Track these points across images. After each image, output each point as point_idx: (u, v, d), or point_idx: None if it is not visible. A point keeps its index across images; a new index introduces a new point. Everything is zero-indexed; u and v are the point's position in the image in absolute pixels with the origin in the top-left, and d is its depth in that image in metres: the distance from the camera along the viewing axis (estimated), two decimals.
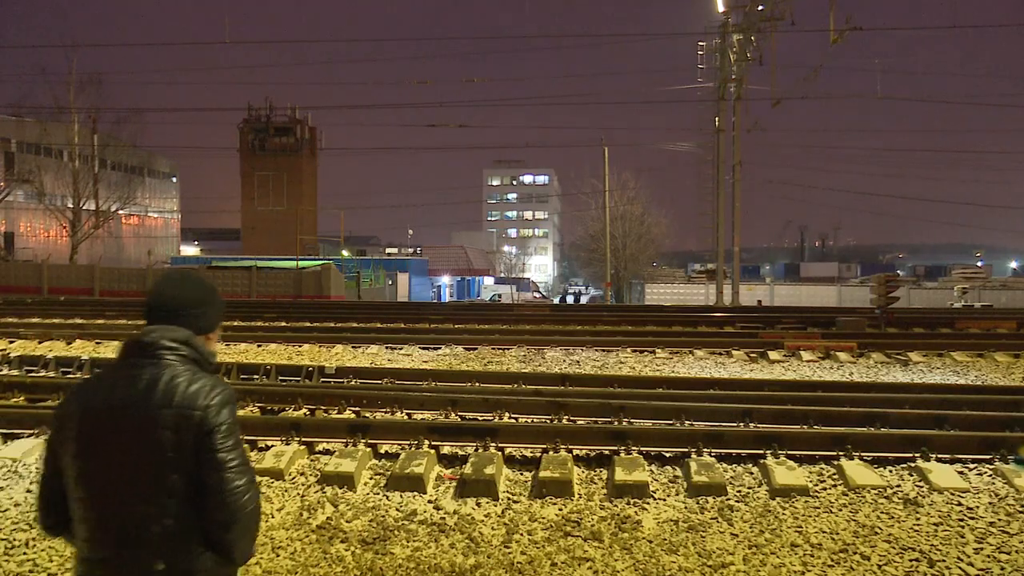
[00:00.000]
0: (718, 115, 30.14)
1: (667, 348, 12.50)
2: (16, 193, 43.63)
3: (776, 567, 4.29)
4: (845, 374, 10.59)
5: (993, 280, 47.05)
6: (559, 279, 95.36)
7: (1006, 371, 11.03)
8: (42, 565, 4.31)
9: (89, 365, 9.90)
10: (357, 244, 72.22)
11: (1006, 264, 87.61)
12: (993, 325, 15.69)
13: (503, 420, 6.94)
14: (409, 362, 11.38)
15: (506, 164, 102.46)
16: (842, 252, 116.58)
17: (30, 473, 5.77)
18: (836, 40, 22.55)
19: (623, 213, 49.80)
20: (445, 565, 4.36)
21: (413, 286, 47.03)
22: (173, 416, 1.96)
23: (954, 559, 4.35)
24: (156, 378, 2.01)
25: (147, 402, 1.97)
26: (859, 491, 5.34)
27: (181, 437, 1.95)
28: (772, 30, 25.96)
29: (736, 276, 28.82)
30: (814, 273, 67.58)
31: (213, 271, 33.98)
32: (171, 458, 1.95)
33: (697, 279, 46.29)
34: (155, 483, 1.95)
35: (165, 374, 2.02)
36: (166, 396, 1.98)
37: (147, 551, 1.95)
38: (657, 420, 6.95)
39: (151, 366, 2.03)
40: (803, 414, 6.83)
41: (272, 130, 60.64)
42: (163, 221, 61.63)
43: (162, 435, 1.95)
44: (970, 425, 6.61)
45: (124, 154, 47.64)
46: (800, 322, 15.92)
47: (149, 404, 1.97)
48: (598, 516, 5.01)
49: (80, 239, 40.04)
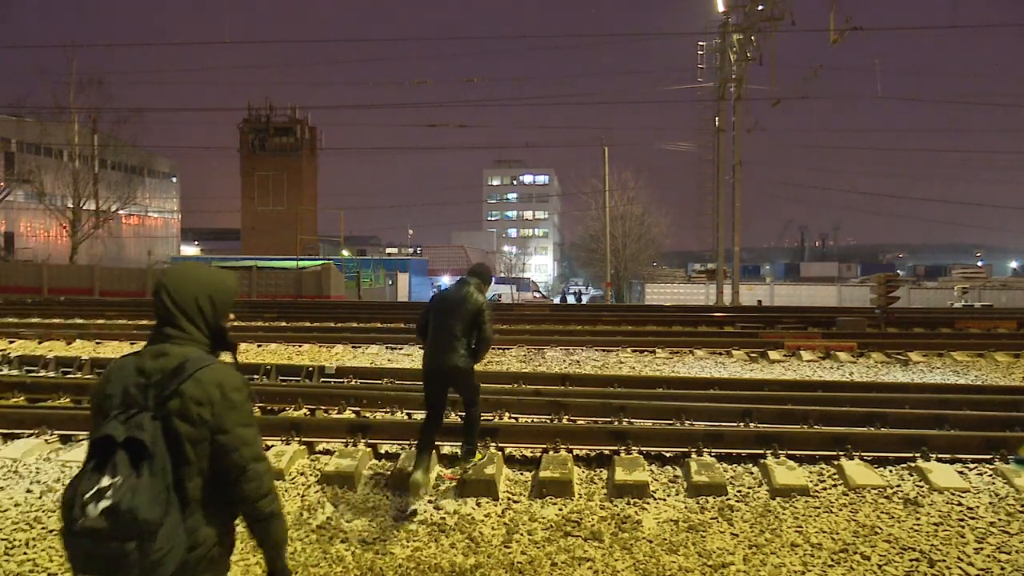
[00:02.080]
0: (718, 115, 30.18)
1: (667, 348, 12.49)
2: (16, 193, 43.61)
3: (776, 567, 4.29)
4: (845, 374, 10.58)
5: (993, 280, 47.04)
6: (559, 279, 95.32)
7: (1006, 371, 11.02)
8: (42, 565, 4.31)
9: (89, 365, 9.89)
10: (357, 244, 72.21)
11: (1006, 264, 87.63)
12: (993, 325, 15.68)
13: (503, 420, 6.94)
14: (409, 362, 11.38)
15: (506, 164, 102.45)
16: (842, 252, 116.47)
17: (30, 473, 5.77)
18: (836, 40, 22.55)
19: (623, 213, 49.77)
20: (445, 565, 4.36)
21: (413, 286, 47.02)
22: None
23: (954, 559, 4.35)
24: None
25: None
26: (859, 491, 5.34)
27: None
28: (772, 30, 25.96)
29: (736, 276, 28.82)
30: (814, 273, 67.53)
31: None
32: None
33: (697, 279, 46.27)
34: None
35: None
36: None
37: None
38: (657, 420, 6.95)
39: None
40: (803, 414, 6.83)
41: (272, 130, 60.61)
42: (163, 221, 61.62)
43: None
44: (970, 425, 6.61)
45: (124, 154, 47.67)
46: (800, 322, 15.92)
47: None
48: (598, 516, 5.01)
49: (80, 239, 40.03)
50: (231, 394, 2.03)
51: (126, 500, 1.79)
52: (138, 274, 33.74)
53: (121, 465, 1.83)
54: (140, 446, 1.86)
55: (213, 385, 2.01)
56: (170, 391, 1.96)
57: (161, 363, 2.02)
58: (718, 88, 29.30)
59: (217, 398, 2.01)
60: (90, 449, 1.89)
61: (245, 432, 2.05)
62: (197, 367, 2.01)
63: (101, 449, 1.86)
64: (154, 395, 1.96)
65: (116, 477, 1.81)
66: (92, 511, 1.78)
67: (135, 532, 1.81)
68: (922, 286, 43.21)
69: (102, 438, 1.87)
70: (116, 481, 1.81)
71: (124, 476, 1.82)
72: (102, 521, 1.78)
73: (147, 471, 1.85)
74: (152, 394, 1.97)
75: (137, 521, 1.80)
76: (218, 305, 2.17)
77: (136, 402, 1.96)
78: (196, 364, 2.01)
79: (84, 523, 1.79)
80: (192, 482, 1.99)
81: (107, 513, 1.78)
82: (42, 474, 5.74)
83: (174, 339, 2.08)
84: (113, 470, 1.82)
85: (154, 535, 1.84)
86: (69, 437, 6.54)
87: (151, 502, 1.83)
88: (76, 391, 8.12)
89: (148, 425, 1.90)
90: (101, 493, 1.79)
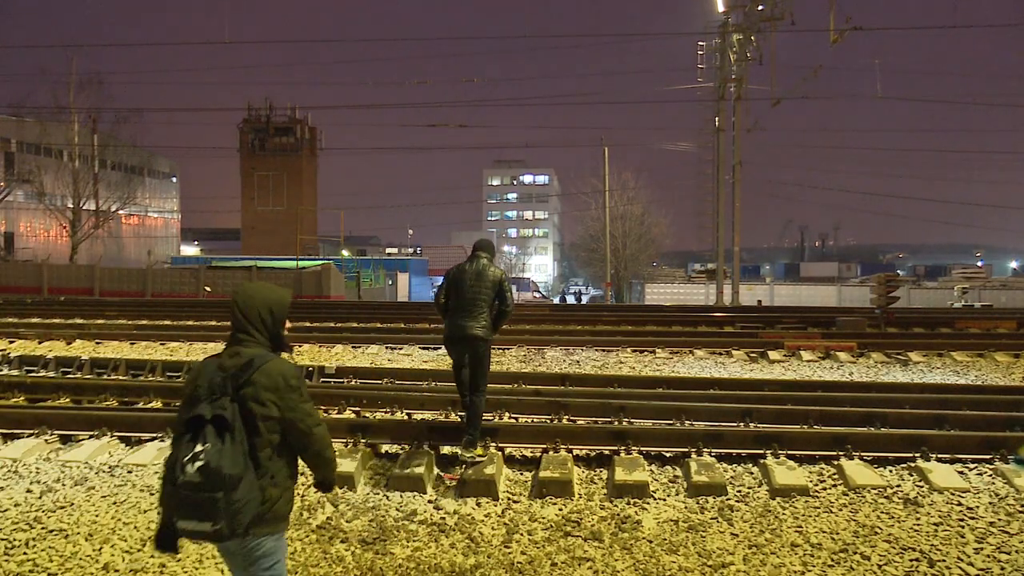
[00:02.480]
0: (718, 115, 30.16)
1: (667, 348, 12.49)
2: (16, 193, 43.61)
3: (776, 567, 4.29)
4: (845, 374, 10.58)
5: (993, 280, 47.05)
6: (559, 279, 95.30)
7: (1006, 371, 11.03)
8: (42, 565, 4.31)
9: (89, 365, 9.90)
10: (357, 244, 72.23)
11: (1006, 264, 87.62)
12: (993, 325, 15.68)
13: (503, 420, 6.94)
14: (409, 362, 11.38)
15: (506, 164, 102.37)
16: (842, 252, 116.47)
17: (30, 473, 5.77)
18: (836, 40, 22.54)
19: (623, 213, 49.74)
20: (445, 565, 4.36)
21: (413, 286, 47.02)
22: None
23: (954, 559, 4.35)
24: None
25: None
26: (859, 491, 5.34)
27: None
28: (772, 30, 25.97)
29: (736, 276, 28.81)
30: (814, 273, 67.53)
31: (213, 271, 33.96)
32: None
33: (697, 279, 46.25)
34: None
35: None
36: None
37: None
38: (657, 420, 6.95)
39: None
40: (803, 414, 6.83)
41: (272, 130, 60.61)
42: (163, 221, 61.61)
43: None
44: (970, 425, 6.61)
45: (124, 154, 47.63)
46: (800, 322, 15.92)
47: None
48: (598, 516, 5.01)
49: (80, 239, 40.03)
50: (291, 381, 2.68)
51: (214, 461, 2.43)
52: (138, 274, 33.67)
53: (210, 436, 2.47)
54: (223, 421, 2.50)
55: (277, 375, 2.65)
56: (244, 380, 2.60)
57: (235, 361, 2.66)
58: (718, 88, 29.29)
59: (281, 384, 2.65)
60: (184, 426, 2.53)
61: (305, 407, 2.72)
62: (263, 362, 2.65)
63: (194, 425, 2.50)
64: (232, 384, 2.59)
65: (207, 444, 2.45)
66: (190, 469, 2.42)
67: (222, 485, 2.43)
68: (922, 286, 43.21)
69: (194, 417, 2.51)
70: (207, 447, 2.45)
71: (212, 443, 2.46)
72: (198, 476, 2.42)
73: (229, 440, 2.49)
74: (230, 383, 2.59)
75: (223, 476, 2.43)
76: (276, 316, 2.80)
77: (219, 390, 2.57)
78: (262, 360, 2.66)
79: (184, 479, 2.43)
80: (263, 451, 2.62)
81: (201, 470, 2.41)
82: (42, 474, 5.74)
83: (245, 342, 2.73)
84: (204, 440, 2.46)
85: (236, 488, 2.46)
86: (69, 437, 6.54)
87: (233, 463, 2.47)
88: (76, 391, 8.12)
89: (228, 406, 2.54)
90: (196, 456, 2.43)
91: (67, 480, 5.62)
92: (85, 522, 4.87)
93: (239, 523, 2.50)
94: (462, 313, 5.80)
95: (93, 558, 4.38)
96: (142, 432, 6.53)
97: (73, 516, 4.97)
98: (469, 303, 5.79)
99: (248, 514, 2.53)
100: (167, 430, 6.43)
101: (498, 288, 5.84)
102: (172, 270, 36.45)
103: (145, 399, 7.90)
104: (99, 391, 8.03)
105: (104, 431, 6.51)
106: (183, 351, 12.39)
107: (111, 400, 7.93)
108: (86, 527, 4.79)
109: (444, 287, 6.03)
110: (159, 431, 6.47)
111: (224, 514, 2.45)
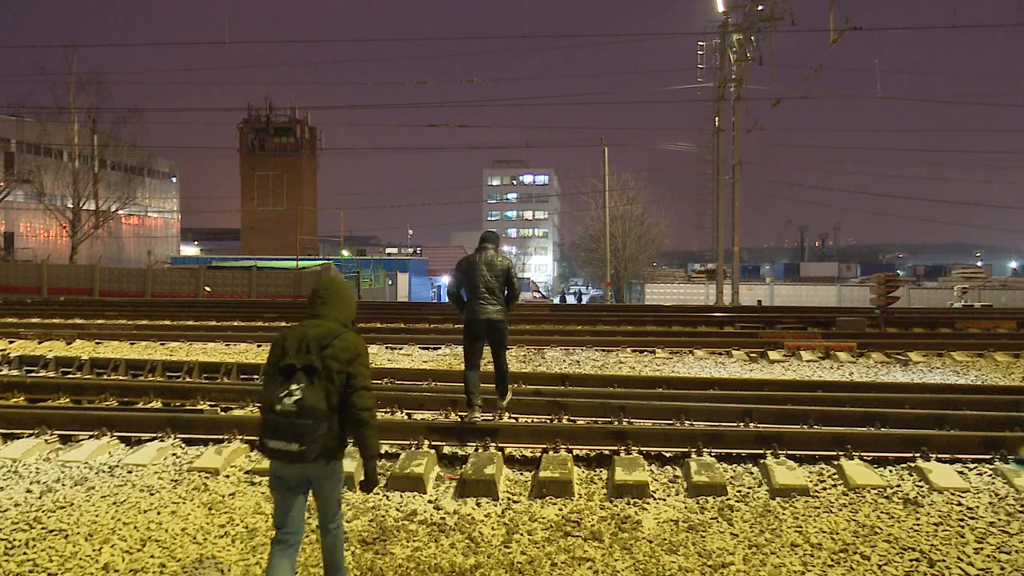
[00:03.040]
0: (718, 115, 30.15)
1: (667, 348, 12.49)
2: (16, 193, 43.60)
3: (776, 567, 4.29)
4: (845, 374, 10.58)
5: (993, 280, 47.05)
6: (559, 279, 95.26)
7: (1006, 371, 11.03)
8: (42, 565, 4.31)
9: (89, 365, 9.89)
10: (357, 244, 72.20)
11: (1006, 264, 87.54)
12: (993, 325, 15.69)
13: (503, 420, 6.94)
14: (409, 362, 11.38)
15: (506, 164, 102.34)
16: (842, 252, 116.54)
17: (30, 473, 5.77)
18: (836, 40, 22.55)
19: (623, 213, 49.70)
20: (445, 565, 4.36)
21: (413, 286, 47.01)
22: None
23: (954, 559, 4.35)
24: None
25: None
26: (859, 491, 5.34)
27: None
28: (772, 30, 25.98)
29: (736, 276, 28.81)
30: (814, 273, 67.55)
31: (213, 271, 33.95)
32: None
33: (697, 279, 46.24)
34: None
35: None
36: None
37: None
38: (657, 420, 6.95)
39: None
40: (803, 414, 6.83)
41: (272, 130, 60.58)
42: (163, 221, 61.60)
43: None
44: (970, 425, 6.61)
45: (124, 154, 47.62)
46: (800, 322, 15.92)
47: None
48: (598, 516, 5.01)
49: (80, 239, 40.02)
50: (360, 348, 3.50)
51: (306, 396, 3.27)
52: (138, 274, 33.66)
53: (301, 378, 3.30)
54: (312, 368, 3.32)
55: (352, 343, 3.47)
56: (327, 343, 3.40)
57: (319, 330, 3.46)
58: (718, 88, 29.29)
59: (353, 349, 3.45)
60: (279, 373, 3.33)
61: (364, 370, 3.48)
62: (342, 333, 3.47)
63: (287, 371, 3.31)
64: (317, 344, 3.39)
65: (300, 384, 3.28)
66: (288, 401, 3.26)
67: (311, 415, 3.26)
68: (922, 286, 43.22)
69: (288, 365, 3.32)
70: (300, 386, 3.28)
71: (303, 384, 3.29)
72: (293, 407, 3.25)
73: (316, 382, 3.31)
74: (315, 344, 3.39)
75: (311, 408, 3.26)
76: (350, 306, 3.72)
77: (307, 347, 3.38)
78: (341, 330, 3.49)
79: (282, 408, 3.25)
80: (335, 398, 3.38)
81: (296, 403, 3.25)
82: (42, 474, 5.74)
83: (324, 317, 3.55)
84: (297, 381, 3.29)
85: (319, 420, 3.28)
86: (69, 437, 6.54)
87: (317, 400, 3.29)
88: (76, 391, 8.12)
89: (316, 359, 3.34)
90: (291, 392, 3.26)
91: (67, 480, 5.62)
92: (85, 522, 4.87)
93: (316, 448, 3.29)
94: (479, 299, 6.40)
95: (93, 558, 4.38)
96: (142, 432, 6.53)
97: (73, 516, 4.97)
98: (484, 290, 6.39)
99: (322, 443, 3.31)
100: (167, 430, 6.44)
101: (507, 275, 6.47)
102: (172, 270, 36.44)
103: (145, 399, 7.90)
104: (99, 391, 8.04)
105: (104, 431, 6.51)
106: (183, 351, 12.39)
107: (111, 400, 7.93)
108: (86, 527, 4.79)
109: (458, 277, 6.59)
110: (159, 431, 6.47)
111: (308, 439, 3.25)
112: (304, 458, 3.27)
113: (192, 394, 7.84)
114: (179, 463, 5.98)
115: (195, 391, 7.89)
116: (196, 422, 6.57)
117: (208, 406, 7.58)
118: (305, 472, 3.41)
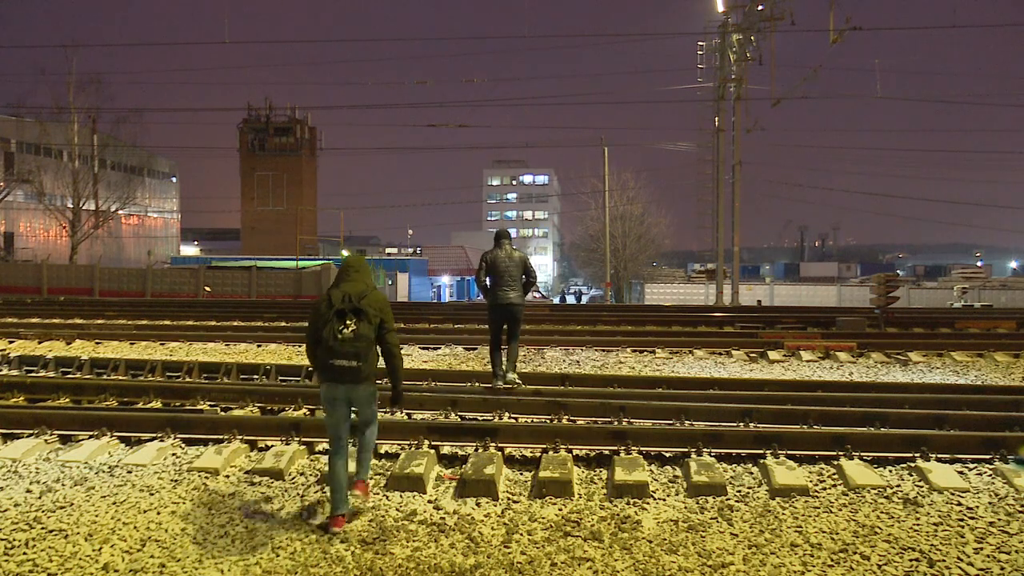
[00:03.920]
0: (718, 115, 30.16)
1: (667, 348, 12.49)
2: (16, 193, 43.62)
3: (776, 567, 4.29)
4: (845, 374, 10.58)
5: (993, 280, 47.07)
6: (559, 279, 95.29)
7: (1006, 371, 11.03)
8: (42, 565, 4.31)
9: (89, 365, 9.89)
10: (357, 244, 72.18)
11: (1006, 264, 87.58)
12: (993, 325, 15.69)
13: (503, 420, 6.94)
14: (409, 362, 11.38)
15: (506, 164, 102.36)
16: (842, 252, 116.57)
17: (30, 473, 5.77)
18: (836, 40, 22.56)
19: (623, 213, 49.73)
20: (445, 565, 4.36)
21: (413, 286, 47.00)
22: None
23: (954, 559, 4.35)
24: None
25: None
26: (859, 491, 5.34)
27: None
28: (772, 30, 25.99)
29: (736, 276, 28.82)
30: (814, 273, 67.57)
31: (213, 271, 33.95)
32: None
33: (697, 279, 46.25)
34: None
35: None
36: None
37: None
38: (657, 420, 6.95)
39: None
40: (803, 414, 6.83)
41: (272, 130, 60.55)
42: (163, 221, 61.61)
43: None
44: (970, 425, 6.61)
45: (124, 154, 47.66)
46: (800, 322, 15.92)
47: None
48: (598, 516, 5.01)
49: (80, 239, 40.02)
50: (386, 301, 4.79)
51: (359, 327, 4.55)
52: (138, 274, 33.67)
53: (352, 317, 4.56)
54: (359, 311, 4.58)
55: (382, 297, 4.77)
56: (364, 296, 4.65)
57: (357, 287, 4.70)
58: (718, 88, 29.30)
59: (383, 302, 4.75)
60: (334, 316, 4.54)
61: (390, 317, 4.78)
62: (373, 289, 4.76)
63: (339, 314, 4.54)
64: (357, 297, 4.63)
65: (353, 320, 4.55)
66: (346, 331, 4.51)
67: (364, 340, 4.57)
68: (922, 286, 43.23)
69: (339, 310, 4.55)
70: (354, 321, 4.55)
71: (354, 321, 4.55)
72: (352, 335, 4.51)
73: (362, 319, 4.58)
74: (356, 296, 4.63)
75: (364, 335, 4.57)
76: (370, 272, 4.97)
77: (349, 299, 4.61)
78: (372, 289, 4.76)
79: (343, 336, 4.49)
80: (373, 335, 4.64)
81: (353, 332, 4.52)
82: (42, 474, 5.74)
83: (356, 281, 4.76)
84: (351, 319, 4.55)
85: (371, 343, 4.63)
86: (69, 437, 6.54)
87: (368, 330, 4.59)
88: (76, 391, 8.12)
89: (360, 305, 4.59)
90: (347, 326, 4.52)
91: (67, 480, 5.62)
92: (85, 522, 4.87)
93: (367, 370, 4.58)
94: (502, 286, 7.96)
95: (93, 558, 4.38)
96: (142, 432, 6.53)
97: (73, 516, 4.97)
98: (507, 278, 7.97)
99: (371, 366, 4.63)
100: (167, 430, 6.44)
101: (524, 264, 8.11)
102: (172, 270, 36.45)
103: (145, 399, 7.90)
104: (99, 391, 8.04)
105: (104, 431, 6.51)
106: (183, 351, 12.39)
107: (111, 400, 7.93)
108: (86, 527, 4.79)
109: (483, 269, 8.16)
110: (159, 431, 6.46)
111: (363, 359, 4.53)
112: (359, 373, 4.53)
113: (192, 394, 7.84)
114: (179, 463, 5.98)
115: (195, 391, 7.89)
116: (196, 422, 6.57)
117: (208, 406, 7.58)
118: (348, 393, 4.62)
